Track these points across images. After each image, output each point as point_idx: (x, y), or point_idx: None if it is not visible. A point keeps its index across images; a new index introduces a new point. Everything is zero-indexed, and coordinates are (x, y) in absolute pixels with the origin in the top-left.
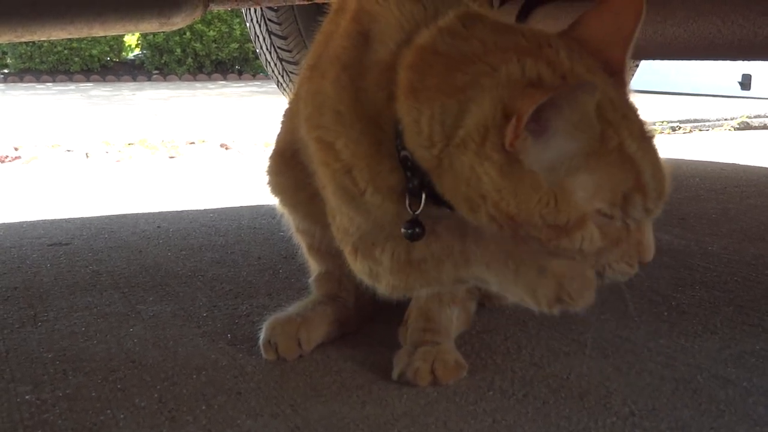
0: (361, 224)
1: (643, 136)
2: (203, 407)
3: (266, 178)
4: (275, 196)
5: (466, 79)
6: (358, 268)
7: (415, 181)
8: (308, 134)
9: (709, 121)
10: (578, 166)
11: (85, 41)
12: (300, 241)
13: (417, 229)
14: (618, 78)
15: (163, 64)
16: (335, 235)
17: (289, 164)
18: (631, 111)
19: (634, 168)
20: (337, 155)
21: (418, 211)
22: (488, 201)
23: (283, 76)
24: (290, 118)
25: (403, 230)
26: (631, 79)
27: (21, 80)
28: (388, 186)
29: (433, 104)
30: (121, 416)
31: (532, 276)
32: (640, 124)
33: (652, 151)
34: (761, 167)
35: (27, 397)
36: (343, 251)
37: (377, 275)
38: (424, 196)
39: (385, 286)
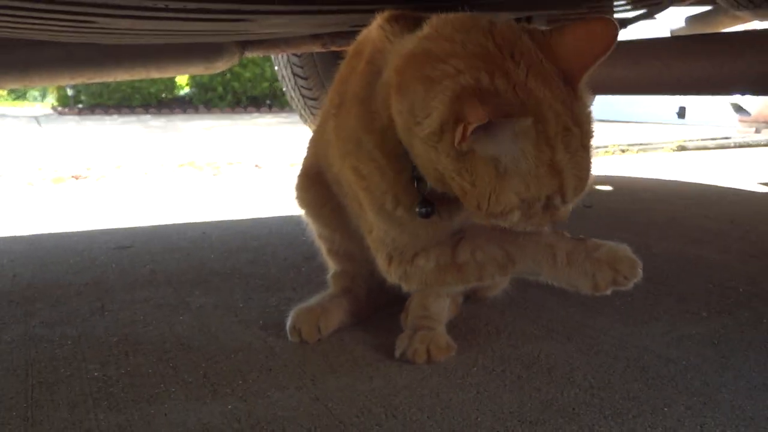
0: (396, 237)
1: (580, 145)
2: (240, 381)
3: (294, 194)
4: (301, 208)
5: (434, 74)
6: (392, 272)
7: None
8: (342, 163)
9: (652, 144)
10: (513, 172)
11: (144, 81)
12: (321, 245)
13: (428, 208)
14: (572, 89)
15: (208, 99)
16: (371, 245)
17: (313, 183)
18: (575, 124)
19: (560, 178)
20: (372, 181)
21: (425, 191)
22: (451, 180)
23: (304, 110)
24: (314, 145)
25: (418, 210)
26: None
27: (92, 113)
28: (411, 201)
29: (408, 92)
30: (173, 390)
31: (585, 265)
32: (582, 133)
33: (581, 160)
34: (697, 183)
35: (95, 374)
36: (377, 258)
37: (409, 277)
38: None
39: (415, 285)
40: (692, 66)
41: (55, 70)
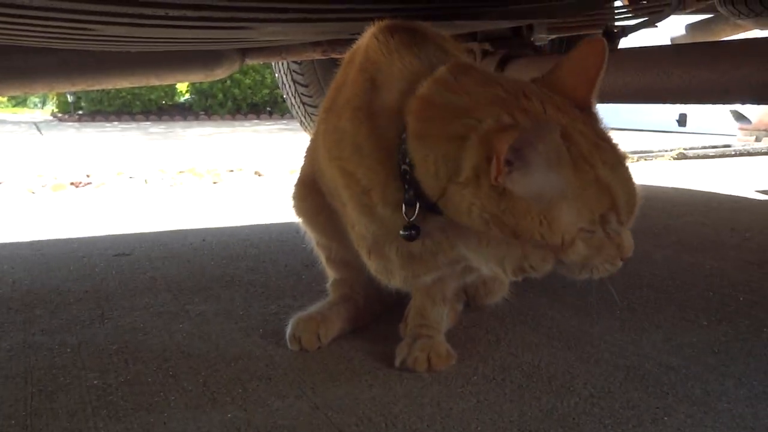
0: (375, 231)
1: (616, 161)
2: (240, 390)
3: (291, 203)
4: (299, 217)
5: (460, 131)
6: (374, 266)
7: (411, 192)
8: (329, 164)
9: (652, 152)
10: (561, 196)
11: (144, 88)
12: (319, 254)
13: (413, 232)
14: (588, 112)
15: (208, 106)
16: (354, 241)
17: (310, 191)
18: (603, 140)
19: (609, 193)
20: (358, 181)
21: (413, 218)
22: (491, 222)
23: (305, 117)
24: (311, 154)
25: (401, 233)
26: None
27: (92, 120)
28: (395, 201)
29: (437, 149)
30: (172, 398)
31: (501, 250)
32: (613, 150)
33: (624, 175)
34: (696, 190)
35: (95, 382)
36: (361, 254)
37: (390, 271)
38: (418, 205)
39: (397, 279)
40: (693, 74)
41: (54, 76)
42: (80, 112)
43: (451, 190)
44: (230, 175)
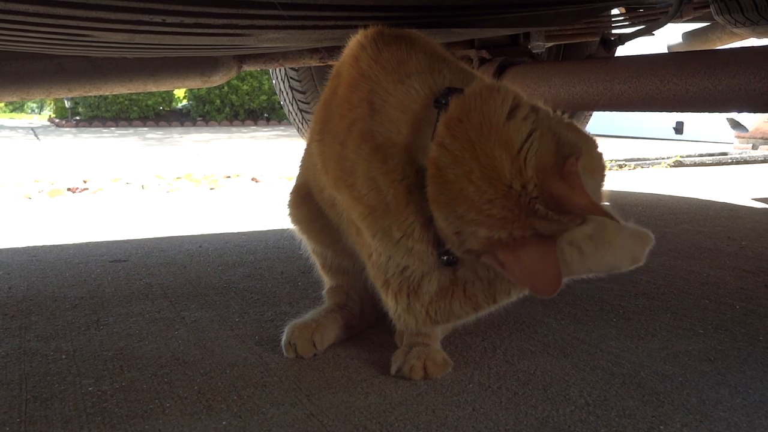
0: (400, 263)
1: None
2: (235, 397)
3: (287, 211)
4: (294, 225)
5: (468, 217)
6: (390, 303)
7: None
8: (340, 192)
9: (649, 159)
10: None
11: (142, 94)
12: (315, 261)
13: (451, 257)
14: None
15: (206, 112)
16: (369, 271)
17: (304, 200)
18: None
19: None
20: (376, 213)
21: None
22: None
23: (302, 123)
24: (305, 164)
25: (442, 259)
26: (587, 125)
27: (90, 125)
28: (420, 236)
29: (445, 215)
30: (167, 405)
31: (618, 245)
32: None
33: None
34: (692, 198)
35: (90, 388)
36: (376, 284)
37: (412, 308)
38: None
39: (420, 319)
40: (689, 82)
41: (52, 82)
42: (77, 117)
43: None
44: (227, 181)
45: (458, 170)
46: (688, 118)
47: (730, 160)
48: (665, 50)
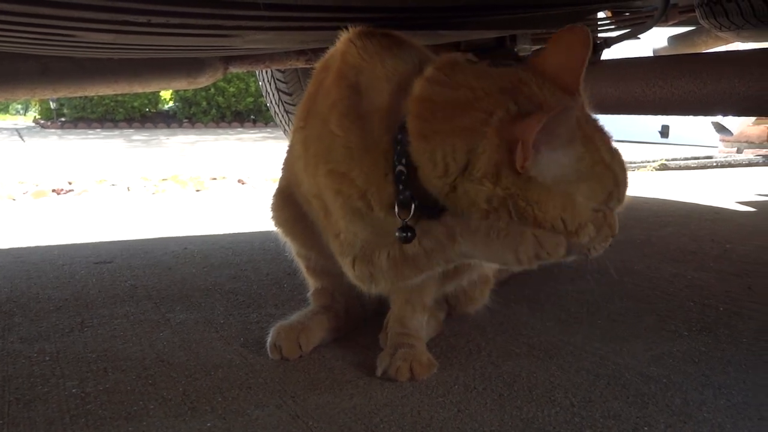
0: (366, 237)
1: (611, 144)
2: (219, 399)
3: (270, 214)
4: (278, 228)
5: (467, 123)
6: (357, 274)
7: (406, 193)
8: (317, 169)
9: (634, 162)
10: (579, 177)
11: (128, 95)
12: (299, 263)
13: (409, 234)
14: (577, 99)
15: (192, 114)
16: (337, 250)
17: (287, 202)
18: (597, 128)
19: (613, 174)
20: (351, 182)
21: (407, 219)
22: (514, 212)
23: (288, 125)
24: (287, 167)
25: (397, 235)
26: None
27: (75, 127)
28: (390, 203)
29: (444, 145)
30: (152, 407)
31: (513, 241)
32: (606, 136)
33: (618, 157)
34: (677, 201)
35: (74, 390)
36: (343, 263)
37: (374, 277)
38: (413, 205)
39: (382, 285)
40: (675, 86)
41: (36, 83)
42: (63, 118)
43: (465, 186)
44: (213, 183)
45: (448, 88)
46: (673, 121)
47: (715, 164)
48: (651, 54)
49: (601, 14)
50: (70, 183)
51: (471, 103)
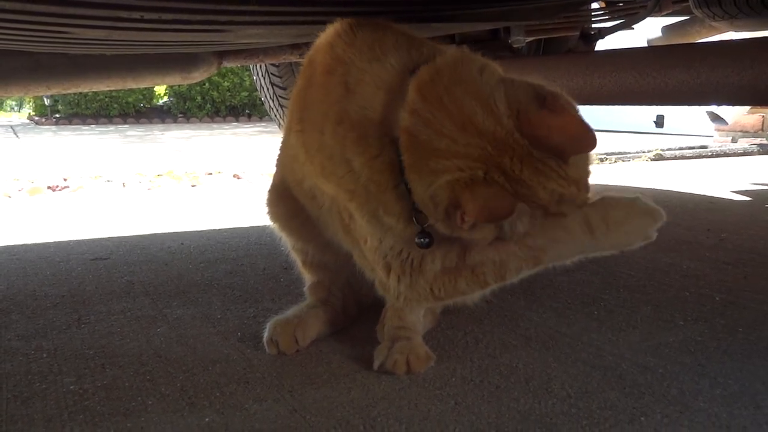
0: (394, 244)
1: (579, 197)
2: (217, 394)
3: (265, 209)
4: (273, 222)
5: (440, 168)
6: (391, 285)
7: None
8: (328, 181)
9: (629, 153)
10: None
11: (122, 91)
12: (295, 258)
13: (426, 239)
14: (565, 163)
15: (187, 109)
16: (367, 256)
17: (282, 197)
18: (569, 185)
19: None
20: (361, 196)
21: (426, 224)
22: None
23: (283, 119)
24: (281, 163)
25: (416, 241)
26: None
27: (70, 123)
28: (399, 212)
29: (421, 179)
30: (150, 402)
31: (631, 223)
32: (579, 190)
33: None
34: (672, 191)
35: (71, 387)
36: (376, 271)
37: (415, 287)
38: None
39: (423, 298)
40: (669, 76)
41: (30, 79)
42: (57, 115)
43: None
44: (209, 178)
45: (431, 129)
46: (668, 111)
47: (709, 153)
48: (645, 44)
49: (595, 5)
50: (65, 179)
51: (449, 155)
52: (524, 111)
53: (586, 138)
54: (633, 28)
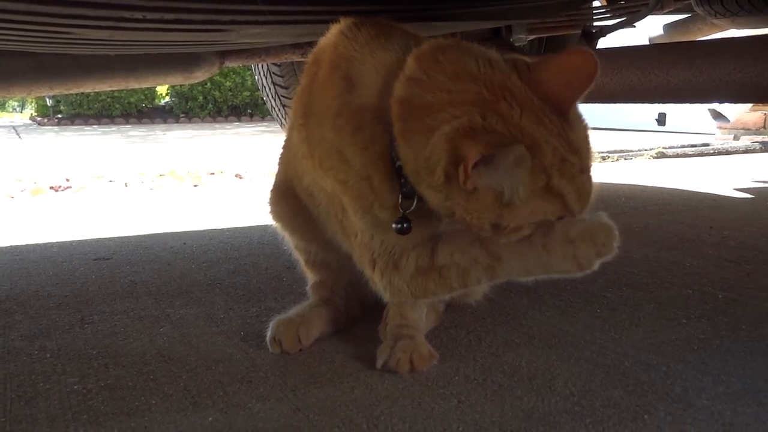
0: (384, 240)
1: (578, 170)
2: (221, 393)
3: (268, 208)
4: (276, 222)
5: (434, 124)
6: (377, 280)
7: (409, 186)
8: (326, 175)
9: (632, 151)
10: (517, 199)
11: (124, 91)
12: (298, 257)
13: (405, 224)
14: (565, 119)
15: (189, 109)
16: (355, 251)
17: (285, 196)
18: (572, 150)
19: (561, 200)
20: (359, 190)
21: (409, 210)
22: (457, 213)
23: (285, 119)
24: (284, 161)
25: (393, 226)
26: None
27: (72, 123)
28: (392, 204)
29: (414, 143)
30: (153, 402)
31: (565, 249)
32: (580, 158)
33: (581, 183)
34: (675, 189)
35: (75, 387)
36: (363, 266)
37: (393, 285)
38: (416, 198)
39: (403, 295)
40: (671, 73)
41: (33, 80)
42: (60, 115)
43: (428, 190)
44: (211, 177)
45: (424, 89)
46: (670, 109)
47: (712, 151)
48: (647, 42)
49: (596, 3)
50: (67, 180)
51: (443, 105)
52: (521, 60)
53: (588, 64)
54: (635, 26)
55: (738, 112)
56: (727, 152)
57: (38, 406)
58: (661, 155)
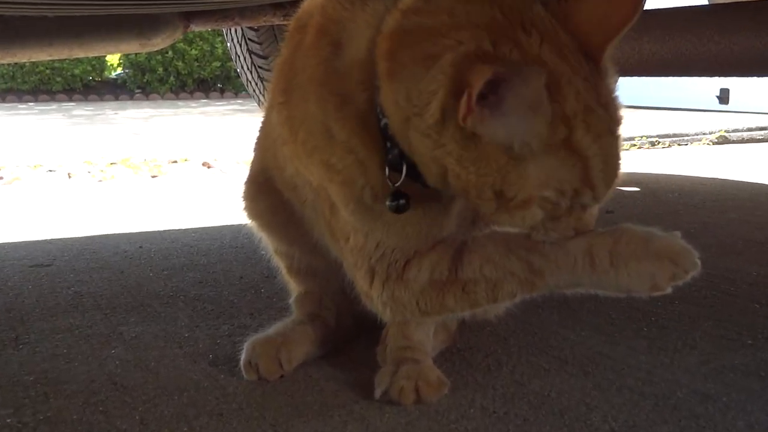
0: (382, 240)
1: (605, 130)
2: (185, 429)
3: (242, 204)
4: (252, 220)
5: (435, 50)
6: (374, 295)
7: (395, 151)
8: (309, 159)
9: (687, 135)
10: (528, 153)
11: (67, 61)
12: (279, 263)
13: (401, 201)
14: (596, 65)
15: (146, 83)
16: (347, 258)
17: (262, 190)
18: (600, 103)
19: (584, 165)
20: (347, 172)
21: (398, 183)
22: (450, 170)
23: (263, 95)
24: (261, 147)
25: (388, 204)
26: None
27: (3, 100)
28: (386, 184)
29: (404, 78)
30: None
31: (641, 264)
32: (608, 116)
33: (610, 147)
34: (739, 181)
35: (8, 420)
36: (356, 277)
37: (397, 299)
38: (404, 167)
39: (407, 311)
40: (734, 41)
41: None
42: None
43: (417, 137)
44: (173, 167)
45: (421, 15)
46: (734, 84)
47: None
48: (705, 2)
49: None
50: None
51: (448, 29)
52: None
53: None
54: None
55: None
56: None
57: None
58: (723, 140)
